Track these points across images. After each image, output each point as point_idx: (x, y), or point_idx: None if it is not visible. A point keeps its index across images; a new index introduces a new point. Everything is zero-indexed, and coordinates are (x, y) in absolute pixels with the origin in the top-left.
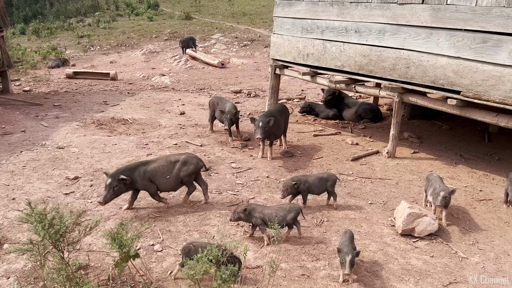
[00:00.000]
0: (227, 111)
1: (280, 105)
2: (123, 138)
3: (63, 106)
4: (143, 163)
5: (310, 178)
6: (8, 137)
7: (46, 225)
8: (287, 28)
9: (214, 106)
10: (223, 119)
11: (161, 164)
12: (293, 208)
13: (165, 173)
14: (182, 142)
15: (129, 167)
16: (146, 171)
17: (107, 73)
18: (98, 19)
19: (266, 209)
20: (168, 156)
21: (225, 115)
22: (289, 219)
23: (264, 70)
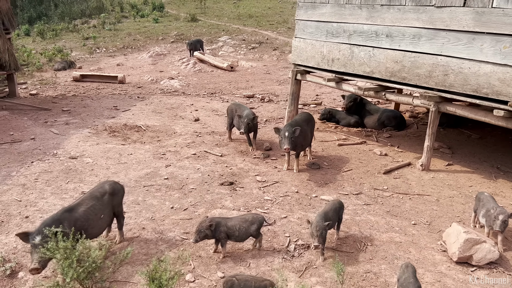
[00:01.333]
0: (244, 115)
1: (306, 113)
2: (138, 147)
3: (72, 111)
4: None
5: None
6: (18, 145)
7: (74, 263)
8: (310, 32)
9: (233, 113)
10: (240, 124)
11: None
12: (256, 218)
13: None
14: (200, 151)
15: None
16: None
17: (115, 76)
18: (103, 20)
19: (229, 221)
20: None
21: (242, 119)
22: (253, 230)
23: (275, 74)
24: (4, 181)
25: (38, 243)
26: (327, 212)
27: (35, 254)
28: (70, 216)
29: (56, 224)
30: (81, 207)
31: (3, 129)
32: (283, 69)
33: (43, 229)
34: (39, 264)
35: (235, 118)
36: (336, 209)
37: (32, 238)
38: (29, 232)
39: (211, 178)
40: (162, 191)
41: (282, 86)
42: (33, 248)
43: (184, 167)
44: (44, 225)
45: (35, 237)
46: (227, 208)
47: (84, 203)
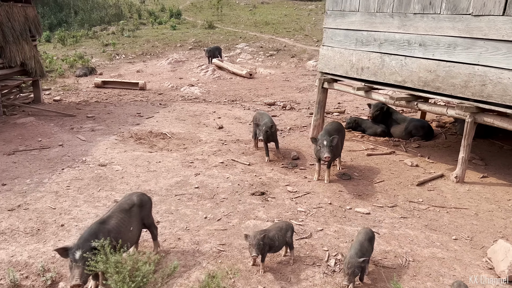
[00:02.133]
0: (262, 124)
1: (336, 123)
2: (165, 154)
3: (97, 118)
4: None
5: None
6: (46, 151)
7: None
8: (339, 40)
9: (256, 123)
10: (259, 133)
11: None
12: (288, 225)
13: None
14: (228, 160)
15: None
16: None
17: (136, 82)
18: (122, 27)
19: (269, 233)
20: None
21: (260, 127)
22: (288, 237)
23: (294, 81)
24: (37, 188)
25: (79, 258)
26: (362, 244)
27: (75, 269)
28: (103, 228)
29: (93, 237)
30: (112, 219)
31: (31, 135)
32: (302, 77)
33: (83, 243)
34: (81, 279)
35: (257, 127)
36: (371, 239)
37: (72, 254)
38: (68, 247)
39: (242, 188)
40: (194, 200)
41: (303, 93)
42: (73, 263)
43: (213, 175)
44: (83, 239)
45: (75, 252)
46: (261, 219)
47: (115, 216)
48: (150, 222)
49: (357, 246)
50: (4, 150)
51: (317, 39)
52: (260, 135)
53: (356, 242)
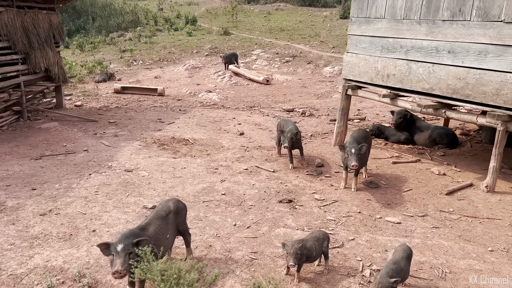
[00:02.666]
0: (287, 130)
1: (363, 130)
2: (189, 160)
3: (119, 123)
4: None
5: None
6: (72, 156)
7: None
8: (364, 47)
9: (281, 129)
10: (282, 140)
11: None
12: (324, 235)
13: None
14: (252, 166)
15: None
16: None
17: (154, 88)
18: (139, 33)
19: (307, 243)
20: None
21: (285, 134)
22: (324, 247)
23: (311, 88)
24: (67, 193)
25: (120, 250)
26: (397, 263)
27: (117, 259)
28: (144, 234)
29: (134, 237)
30: (150, 226)
31: (56, 140)
32: (319, 83)
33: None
34: (122, 267)
35: (281, 134)
36: (408, 257)
37: (114, 247)
38: (109, 243)
39: (268, 195)
40: (222, 207)
41: (321, 100)
42: (115, 255)
43: (239, 182)
44: (124, 236)
45: (117, 245)
46: (291, 228)
47: (153, 223)
48: (185, 229)
49: (391, 265)
50: (31, 155)
51: (333, 45)
52: (285, 142)
53: (391, 261)
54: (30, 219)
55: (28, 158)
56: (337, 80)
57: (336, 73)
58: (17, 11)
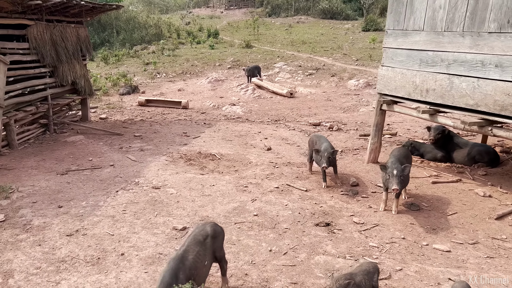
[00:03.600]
0: (323, 149)
1: (404, 149)
2: (218, 177)
3: (144, 137)
4: None
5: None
6: (98, 172)
7: None
8: (400, 60)
9: (313, 145)
10: (318, 159)
11: None
12: (374, 267)
13: None
14: (283, 185)
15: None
16: None
17: (178, 101)
18: (163, 46)
19: (356, 277)
20: None
21: (321, 153)
22: (375, 281)
23: (337, 101)
24: (94, 211)
25: None
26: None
27: None
28: (183, 266)
29: (175, 280)
30: (189, 254)
31: (82, 154)
32: (345, 96)
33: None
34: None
35: (314, 152)
36: None
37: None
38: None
39: (303, 217)
40: (255, 229)
41: (348, 113)
42: None
43: (270, 202)
44: (165, 285)
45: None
46: (331, 255)
47: (191, 250)
48: (222, 255)
49: None
50: (57, 170)
51: (356, 58)
52: (322, 161)
53: None
54: (57, 240)
55: (54, 173)
56: (362, 93)
57: (361, 86)
58: (46, 24)
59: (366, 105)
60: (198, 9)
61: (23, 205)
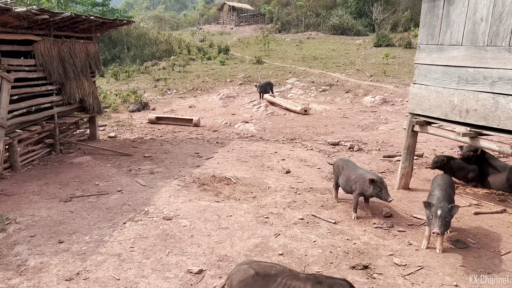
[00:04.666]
0: (357, 176)
1: (447, 177)
2: (235, 206)
3: (154, 158)
4: None
5: None
6: (105, 198)
7: None
8: (435, 77)
9: (339, 170)
10: (365, 188)
11: None
12: None
13: None
14: (308, 215)
15: None
16: None
17: (190, 119)
18: (173, 62)
19: None
20: None
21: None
22: None
23: (353, 118)
24: (98, 248)
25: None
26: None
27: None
28: None
29: None
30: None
31: (88, 178)
32: (361, 113)
33: None
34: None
35: (341, 177)
36: None
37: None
38: None
39: (336, 257)
40: None
41: (367, 132)
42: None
43: (296, 237)
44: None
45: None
46: None
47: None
48: None
49: None
50: (61, 196)
51: (370, 74)
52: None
53: None
54: (54, 286)
55: (57, 199)
56: (380, 111)
57: (378, 103)
58: (54, 40)
59: (385, 123)
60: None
61: (20, 239)
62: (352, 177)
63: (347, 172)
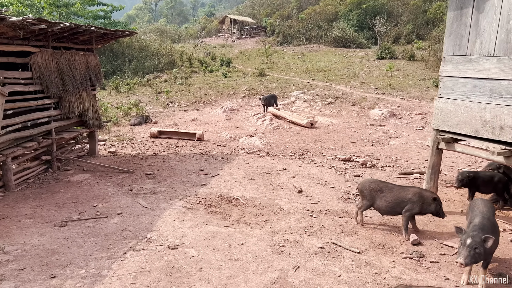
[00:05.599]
0: (432, 197)
1: (488, 203)
2: (246, 232)
3: (157, 176)
4: None
5: None
6: (104, 223)
7: None
8: (464, 91)
9: (375, 193)
10: (403, 207)
11: None
12: None
13: None
14: (328, 243)
15: None
16: None
17: (193, 133)
18: (175, 75)
19: None
20: None
21: (436, 202)
22: None
23: (362, 132)
24: (94, 286)
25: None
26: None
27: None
28: None
29: None
30: None
31: (86, 198)
32: (370, 127)
33: None
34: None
35: (379, 200)
36: None
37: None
38: None
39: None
40: None
41: (378, 147)
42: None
43: (318, 271)
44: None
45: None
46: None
47: None
48: None
49: None
50: (56, 219)
51: (375, 86)
52: (429, 209)
53: None
54: None
55: (51, 223)
56: (388, 124)
57: (386, 116)
58: (53, 52)
59: (396, 137)
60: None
61: (7, 274)
62: (408, 196)
63: (394, 193)
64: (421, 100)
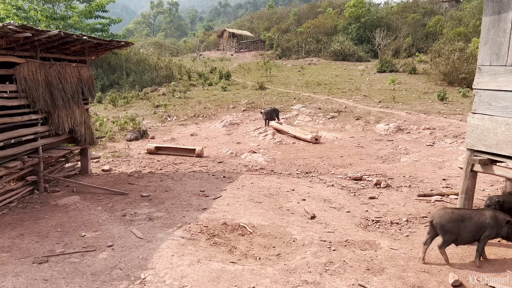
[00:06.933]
0: (507, 219)
1: None
2: (256, 270)
3: (153, 198)
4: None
5: None
6: (91, 258)
7: None
8: (504, 106)
9: (458, 224)
10: (482, 233)
11: None
12: None
13: None
14: (354, 286)
15: None
16: None
17: (192, 149)
18: (173, 88)
19: None
20: None
21: (510, 224)
22: None
23: (369, 148)
24: None
25: None
26: None
27: None
28: None
29: None
30: None
31: (73, 226)
32: (377, 142)
33: None
34: None
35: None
36: None
37: None
38: None
39: None
40: None
41: (389, 164)
42: None
43: None
44: None
45: None
46: None
47: None
48: None
49: None
50: (37, 253)
51: (378, 100)
52: (501, 233)
53: None
54: None
55: (30, 259)
56: (396, 139)
57: (392, 131)
58: (41, 63)
59: (406, 153)
60: (208, 52)
61: None
62: (487, 221)
63: (475, 220)
64: (427, 114)
